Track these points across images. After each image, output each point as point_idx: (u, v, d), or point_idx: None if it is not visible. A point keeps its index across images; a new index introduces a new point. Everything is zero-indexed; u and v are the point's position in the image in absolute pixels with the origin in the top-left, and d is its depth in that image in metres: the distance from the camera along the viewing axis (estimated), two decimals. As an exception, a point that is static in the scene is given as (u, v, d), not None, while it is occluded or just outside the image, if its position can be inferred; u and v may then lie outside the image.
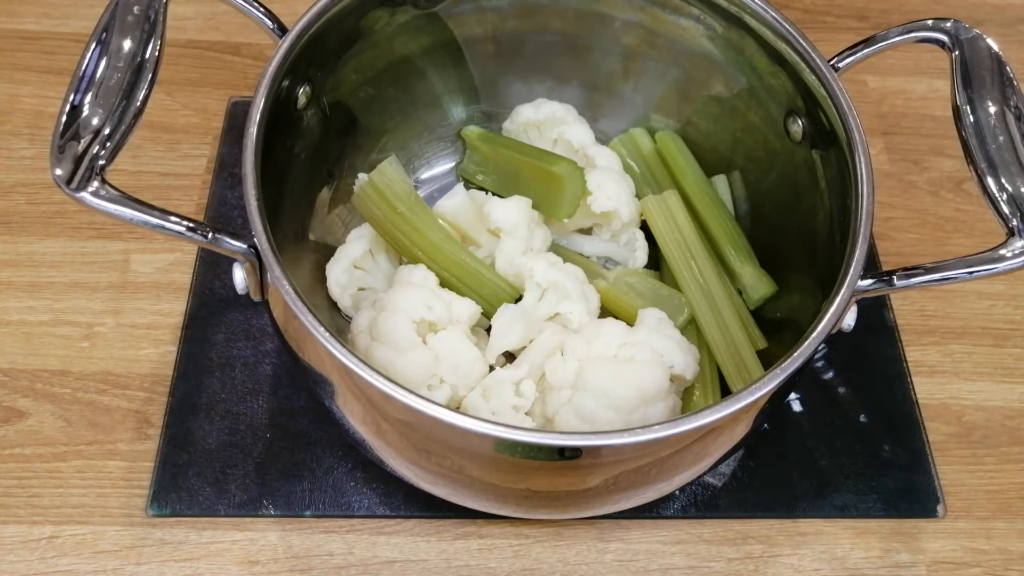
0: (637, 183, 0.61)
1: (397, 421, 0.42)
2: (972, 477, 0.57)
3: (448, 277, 0.54)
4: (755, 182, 0.59)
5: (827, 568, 0.53)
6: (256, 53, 0.72)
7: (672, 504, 0.54)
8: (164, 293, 0.60)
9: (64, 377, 0.56)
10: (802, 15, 0.79)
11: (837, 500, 0.55)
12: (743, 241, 0.58)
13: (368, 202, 0.54)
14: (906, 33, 0.49)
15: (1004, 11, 0.80)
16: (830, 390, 0.59)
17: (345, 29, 0.53)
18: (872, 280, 0.43)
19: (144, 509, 0.52)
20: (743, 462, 0.56)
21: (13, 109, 0.68)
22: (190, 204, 0.64)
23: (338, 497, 0.53)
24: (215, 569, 0.51)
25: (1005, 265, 0.42)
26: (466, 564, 0.52)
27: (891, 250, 0.66)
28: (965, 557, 0.54)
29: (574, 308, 0.52)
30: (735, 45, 0.55)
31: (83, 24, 0.72)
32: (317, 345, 0.40)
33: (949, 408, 0.59)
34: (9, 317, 0.58)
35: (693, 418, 0.39)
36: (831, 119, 0.49)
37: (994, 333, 0.62)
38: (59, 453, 0.54)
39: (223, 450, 0.54)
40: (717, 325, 0.54)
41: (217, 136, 0.67)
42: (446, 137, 0.64)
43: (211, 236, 0.41)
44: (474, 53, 0.61)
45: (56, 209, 0.63)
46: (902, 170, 0.70)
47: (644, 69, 0.61)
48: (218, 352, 0.58)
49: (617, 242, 0.60)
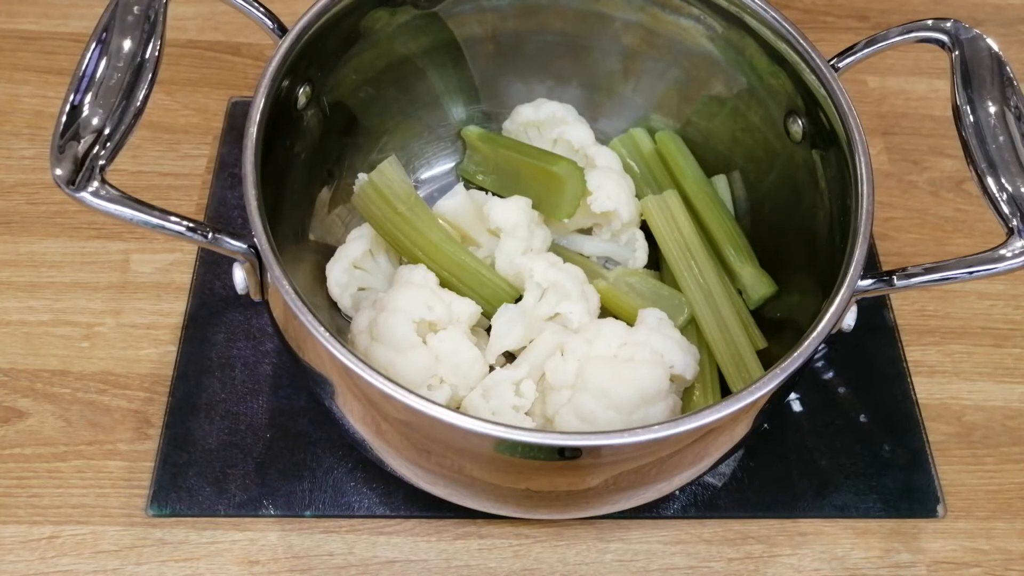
0: (637, 183, 0.61)
1: (397, 421, 0.42)
2: (972, 477, 0.57)
3: (448, 277, 0.54)
4: (755, 182, 0.59)
5: (827, 568, 0.53)
6: (256, 53, 0.72)
7: (672, 504, 0.54)
8: (164, 293, 0.60)
9: (64, 377, 0.56)
10: (802, 15, 0.79)
11: (837, 500, 0.55)
12: (743, 241, 0.58)
13: (368, 202, 0.54)
14: (906, 33, 0.49)
15: (1004, 11, 0.80)
16: (830, 390, 0.59)
17: (345, 29, 0.53)
18: (872, 280, 0.43)
19: (144, 509, 0.52)
20: (743, 462, 0.56)
21: (13, 109, 0.68)
22: (190, 204, 0.64)
23: (338, 497, 0.53)
24: (215, 569, 0.51)
25: (1005, 265, 0.42)
26: (466, 564, 0.52)
27: (891, 250, 0.66)
28: (965, 557, 0.54)
29: (574, 308, 0.52)
30: (735, 45, 0.55)
31: (83, 24, 0.72)
32: (317, 345, 0.40)
33: (949, 408, 0.59)
34: (9, 317, 0.58)
35: (693, 418, 0.39)
36: (831, 119, 0.49)
37: (994, 333, 0.62)
38: (59, 453, 0.54)
39: (223, 450, 0.54)
40: (717, 325, 0.54)
41: (217, 136, 0.67)
42: (446, 137, 0.64)
43: (211, 236, 0.41)
44: (474, 53, 0.61)
45: (56, 209, 0.63)
46: (902, 170, 0.70)
47: (644, 69, 0.61)
48: (218, 352, 0.58)
49: (617, 242, 0.60)
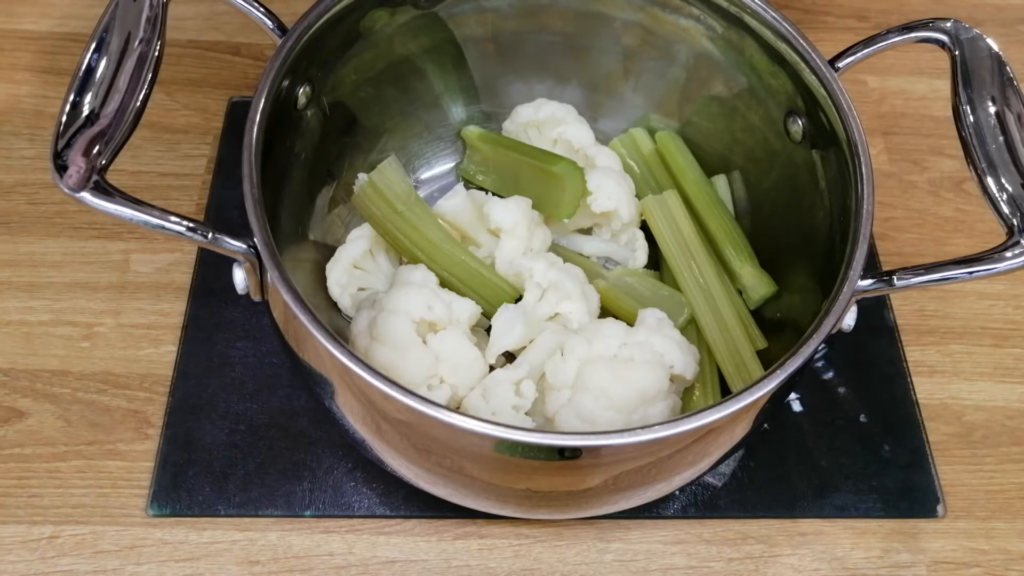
0: (637, 183, 0.61)
1: (397, 421, 0.42)
2: (972, 477, 0.57)
3: (448, 277, 0.54)
4: (755, 182, 0.59)
5: (827, 568, 0.53)
6: (256, 53, 0.72)
7: (672, 504, 0.54)
8: (164, 293, 0.60)
9: (64, 377, 0.56)
10: (802, 15, 0.79)
11: (837, 500, 0.55)
12: (743, 241, 0.58)
13: (368, 202, 0.54)
14: (906, 33, 0.49)
15: (1004, 11, 0.80)
16: (830, 390, 0.59)
17: (345, 29, 0.53)
18: (872, 280, 0.43)
19: (144, 509, 0.52)
20: (743, 462, 0.56)
21: (13, 109, 0.68)
22: (190, 204, 0.64)
23: (338, 497, 0.53)
24: (215, 569, 0.51)
25: (1005, 265, 0.42)
26: (466, 564, 0.52)
27: (891, 250, 0.66)
28: (965, 557, 0.54)
29: (574, 308, 0.52)
30: (735, 45, 0.55)
31: (83, 24, 0.72)
32: (317, 345, 0.40)
33: (949, 408, 0.59)
34: (9, 317, 0.58)
35: (693, 418, 0.39)
36: (831, 119, 0.49)
37: (994, 333, 0.62)
38: (59, 453, 0.54)
39: (223, 450, 0.54)
40: (717, 325, 0.54)
41: (217, 136, 0.67)
42: (446, 137, 0.64)
43: (211, 236, 0.41)
44: (474, 53, 0.61)
45: (56, 209, 0.63)
46: (902, 170, 0.70)
47: (644, 69, 0.61)
48: (218, 352, 0.58)
49: (617, 242, 0.60)
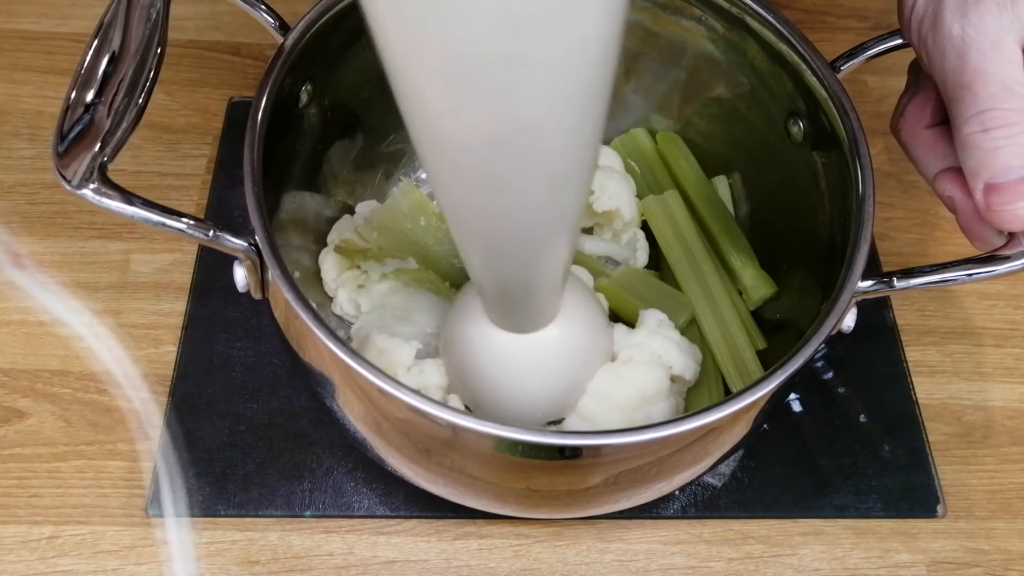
0: (638, 183, 0.61)
1: (398, 420, 0.42)
2: (972, 477, 0.57)
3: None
4: (756, 183, 0.59)
5: (827, 568, 0.53)
6: (256, 53, 0.72)
7: (672, 504, 0.54)
8: (164, 293, 0.60)
9: (64, 377, 0.56)
10: (802, 15, 0.79)
11: (837, 500, 0.55)
12: (743, 242, 0.58)
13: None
14: (907, 34, 0.49)
15: (1004, 12, 0.80)
16: (830, 390, 0.59)
17: (348, 27, 0.53)
18: (872, 281, 0.43)
19: (144, 509, 0.52)
20: (743, 462, 0.56)
21: (13, 109, 0.68)
22: (190, 204, 0.64)
23: (338, 497, 0.53)
24: (215, 569, 0.51)
25: (1005, 267, 0.42)
26: (466, 564, 0.52)
27: (891, 250, 0.66)
28: (965, 557, 0.54)
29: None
30: (736, 46, 0.55)
31: (83, 24, 0.72)
32: (318, 343, 0.40)
33: (949, 408, 0.59)
34: (9, 317, 0.58)
35: (693, 418, 0.39)
36: (832, 121, 0.49)
37: (994, 333, 0.62)
38: (59, 453, 0.54)
39: (223, 450, 0.54)
40: (717, 325, 0.54)
41: (217, 136, 0.67)
42: (447, 137, 0.64)
43: (212, 233, 0.41)
44: (475, 53, 0.61)
45: (56, 209, 0.63)
46: (902, 170, 0.70)
47: (644, 69, 0.61)
48: (218, 352, 0.57)
49: (618, 242, 0.60)
